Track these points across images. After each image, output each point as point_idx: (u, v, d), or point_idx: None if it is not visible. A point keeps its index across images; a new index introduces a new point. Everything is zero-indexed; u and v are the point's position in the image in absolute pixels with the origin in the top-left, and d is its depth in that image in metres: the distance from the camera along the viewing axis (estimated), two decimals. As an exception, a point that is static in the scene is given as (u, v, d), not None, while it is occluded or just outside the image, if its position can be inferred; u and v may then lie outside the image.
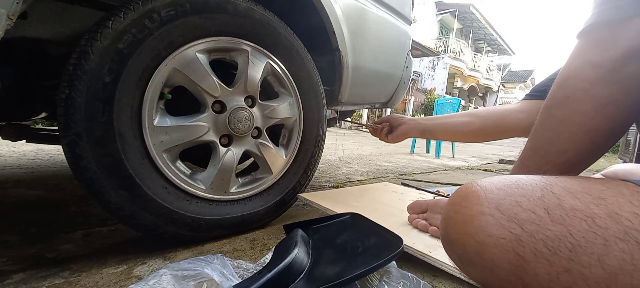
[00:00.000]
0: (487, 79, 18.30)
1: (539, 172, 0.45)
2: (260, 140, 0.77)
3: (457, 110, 3.64)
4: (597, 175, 0.78)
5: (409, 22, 1.26)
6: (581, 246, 0.32)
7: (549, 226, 0.34)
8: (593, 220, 0.33)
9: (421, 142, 4.92)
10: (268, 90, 0.82)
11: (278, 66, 0.79)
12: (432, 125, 0.92)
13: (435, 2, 15.22)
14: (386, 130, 0.98)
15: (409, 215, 0.73)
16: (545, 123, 0.46)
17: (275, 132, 0.86)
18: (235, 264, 0.52)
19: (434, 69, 15.26)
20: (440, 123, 0.91)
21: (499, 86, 20.13)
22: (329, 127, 1.27)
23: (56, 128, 0.63)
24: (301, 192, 0.88)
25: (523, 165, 0.48)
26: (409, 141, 5.58)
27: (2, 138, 0.98)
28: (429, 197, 0.99)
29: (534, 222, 0.35)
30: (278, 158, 0.81)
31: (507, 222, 0.36)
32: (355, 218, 0.64)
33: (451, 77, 15.82)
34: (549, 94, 0.46)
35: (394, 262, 0.49)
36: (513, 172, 0.49)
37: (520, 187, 0.39)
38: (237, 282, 0.45)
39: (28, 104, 1.04)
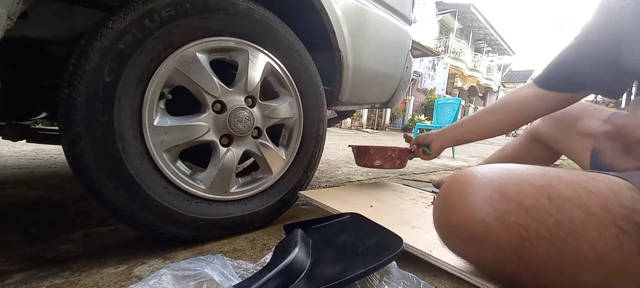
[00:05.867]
0: (487, 79, 18.27)
1: None
2: (260, 140, 0.77)
3: (457, 111, 3.64)
4: None
5: (409, 22, 1.26)
6: (578, 231, 0.38)
7: (552, 212, 0.40)
8: (588, 208, 0.39)
9: (421, 142, 4.90)
10: (268, 90, 0.82)
11: (278, 66, 0.79)
12: (461, 133, 0.92)
13: (435, 2, 15.20)
14: (422, 151, 0.98)
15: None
16: None
17: (276, 132, 0.86)
18: (235, 264, 0.52)
19: (434, 69, 15.23)
20: (467, 130, 0.91)
21: (499, 86, 20.12)
22: (329, 127, 1.27)
23: (56, 128, 0.64)
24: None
25: None
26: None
27: (2, 138, 0.98)
28: (429, 196, 0.99)
29: (537, 208, 0.40)
30: (278, 159, 0.81)
31: (515, 208, 0.41)
32: (356, 218, 0.64)
33: (451, 77, 15.80)
34: None
35: (394, 262, 0.49)
36: None
37: (521, 177, 0.44)
38: (237, 282, 0.45)
39: (28, 104, 1.04)
